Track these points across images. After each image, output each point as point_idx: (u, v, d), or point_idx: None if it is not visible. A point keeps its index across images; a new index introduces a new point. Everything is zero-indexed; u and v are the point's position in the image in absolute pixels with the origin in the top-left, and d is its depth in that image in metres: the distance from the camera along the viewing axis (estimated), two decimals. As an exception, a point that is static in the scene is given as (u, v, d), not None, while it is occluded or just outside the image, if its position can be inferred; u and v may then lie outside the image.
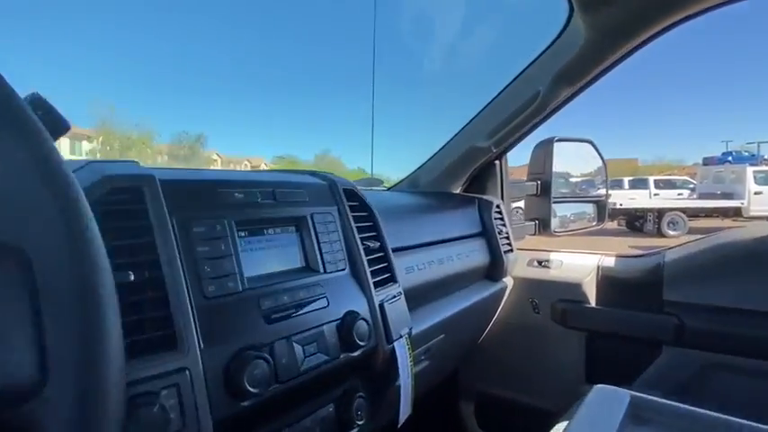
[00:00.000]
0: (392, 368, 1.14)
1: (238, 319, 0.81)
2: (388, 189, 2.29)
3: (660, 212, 15.15)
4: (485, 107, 1.95)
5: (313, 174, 1.17)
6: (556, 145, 2.08)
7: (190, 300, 0.75)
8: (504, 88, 1.87)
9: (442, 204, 1.90)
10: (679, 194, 19.36)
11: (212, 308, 0.78)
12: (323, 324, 0.94)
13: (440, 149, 2.18)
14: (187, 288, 0.75)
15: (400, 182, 2.33)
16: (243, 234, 0.90)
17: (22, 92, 0.45)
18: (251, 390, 0.75)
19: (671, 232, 14.65)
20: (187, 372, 0.70)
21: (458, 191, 2.22)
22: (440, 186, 2.18)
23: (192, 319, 0.74)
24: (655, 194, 19.01)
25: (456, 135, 2.10)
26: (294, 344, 0.87)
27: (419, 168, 2.26)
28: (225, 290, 0.81)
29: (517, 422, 2.10)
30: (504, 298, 2.02)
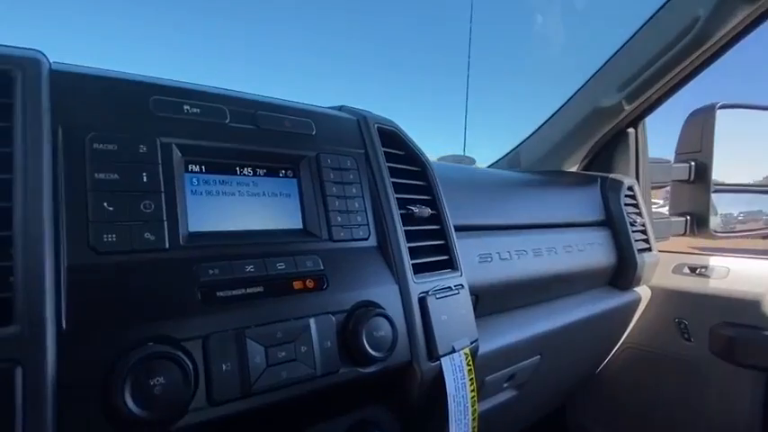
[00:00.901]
0: (437, 401, 0.74)
1: (148, 291, 0.50)
2: (480, 168, 1.85)
3: None
4: (616, 52, 1.43)
5: (339, 108, 0.83)
6: (719, 113, 1.47)
7: (58, 250, 0.46)
8: (648, 21, 1.33)
9: (548, 182, 1.42)
10: None
11: (103, 270, 0.48)
12: (310, 316, 0.59)
13: (546, 121, 1.69)
14: (56, 231, 0.46)
15: (494, 163, 1.88)
16: (196, 169, 0.59)
17: None
18: (138, 414, 0.43)
19: None
20: (18, 369, 0.40)
21: (574, 170, 1.70)
22: (547, 166, 1.69)
23: (51, 282, 0.44)
24: None
25: (571, 98, 1.60)
26: (249, 342, 0.53)
27: (519, 145, 1.79)
28: (135, 243, 0.51)
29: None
30: (637, 314, 1.45)
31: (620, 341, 1.50)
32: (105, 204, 0.50)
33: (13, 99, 0.48)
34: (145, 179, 0.53)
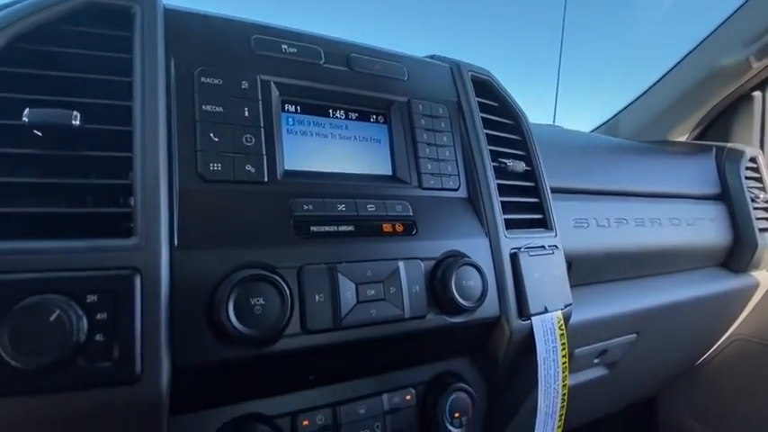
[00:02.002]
0: (526, 362, 0.70)
1: (248, 219, 0.51)
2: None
3: None
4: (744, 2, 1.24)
5: (430, 57, 0.79)
6: None
7: (171, 175, 0.49)
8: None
9: (653, 150, 1.29)
10: None
11: (209, 196, 0.51)
12: (400, 259, 0.58)
13: (651, 87, 1.53)
14: (170, 157, 0.49)
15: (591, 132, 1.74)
16: (291, 109, 0.60)
17: None
18: (241, 329, 0.45)
19: None
20: (137, 277, 0.43)
21: (683, 140, 1.53)
22: (651, 134, 1.53)
23: (165, 203, 0.47)
24: None
25: (683, 60, 1.42)
26: (341, 278, 0.53)
27: (618, 114, 1.64)
28: (237, 174, 0.53)
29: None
30: (752, 303, 1.29)
31: (730, 331, 1.34)
32: (211, 135, 0.52)
33: (133, 33, 0.51)
34: (246, 113, 0.55)
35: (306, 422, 0.54)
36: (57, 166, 0.46)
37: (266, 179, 0.54)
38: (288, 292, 0.48)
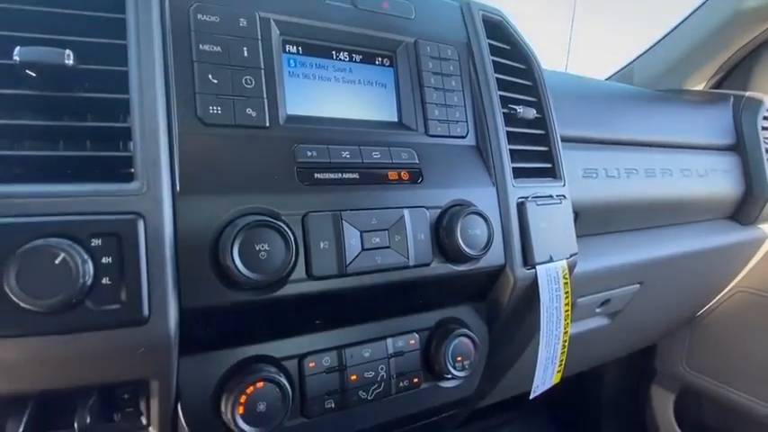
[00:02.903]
0: (529, 309, 0.71)
1: (251, 165, 0.50)
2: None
3: None
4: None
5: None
6: None
7: (169, 118, 0.47)
8: None
9: (668, 98, 1.24)
10: None
11: (210, 141, 0.49)
12: (405, 208, 0.57)
13: (668, 33, 1.45)
14: (168, 100, 0.47)
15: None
16: (293, 50, 0.57)
17: None
18: (246, 274, 0.45)
19: None
20: (141, 221, 0.43)
21: (700, 88, 1.47)
22: (667, 83, 1.47)
23: (165, 147, 0.46)
24: None
25: (703, 4, 1.34)
26: (346, 225, 0.53)
27: (633, 61, 1.57)
28: (238, 118, 0.51)
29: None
30: (758, 255, 1.29)
31: (733, 283, 1.35)
32: (210, 76, 0.50)
33: (124, -35, 0.48)
34: (246, 53, 0.52)
35: (312, 364, 0.55)
36: (53, 108, 0.45)
37: (268, 124, 0.53)
38: (292, 238, 0.48)
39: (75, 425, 0.43)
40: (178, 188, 0.46)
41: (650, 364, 1.58)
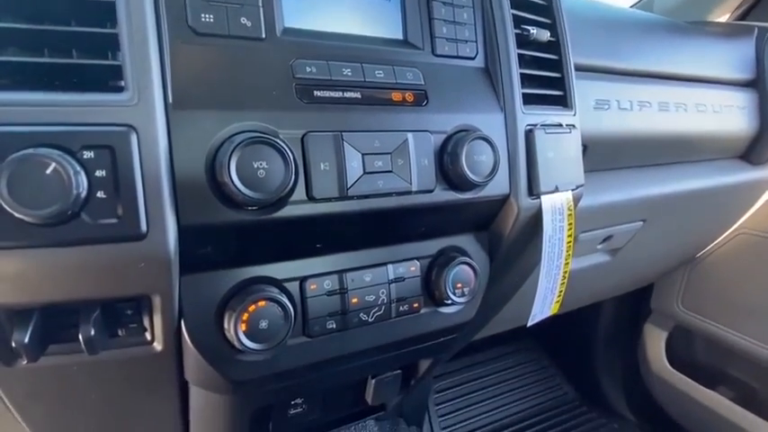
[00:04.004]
0: (532, 240, 0.71)
1: (247, 79, 0.48)
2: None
3: None
4: None
5: None
6: None
7: (159, 26, 0.44)
8: None
9: (688, 29, 1.17)
10: None
11: (203, 52, 0.47)
12: (408, 131, 0.55)
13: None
14: (156, 6, 0.44)
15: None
16: (290, -44, 0.53)
17: None
18: (245, 192, 0.44)
19: None
20: (133, 134, 0.41)
21: (723, 20, 1.39)
22: (689, 13, 1.38)
23: (156, 57, 0.43)
24: None
25: None
26: (347, 147, 0.51)
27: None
28: (232, 28, 0.48)
29: (736, 378, 1.44)
30: (766, 196, 1.27)
31: (737, 224, 1.34)
32: (201, -18, 0.46)
33: None
34: (237, -43, 0.48)
35: (313, 286, 0.56)
36: (35, 11, 0.41)
37: (264, 35, 0.49)
38: (291, 156, 0.46)
39: (80, 337, 0.44)
40: (171, 100, 0.44)
41: (646, 302, 1.61)
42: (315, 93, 0.51)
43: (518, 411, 1.62)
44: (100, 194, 0.40)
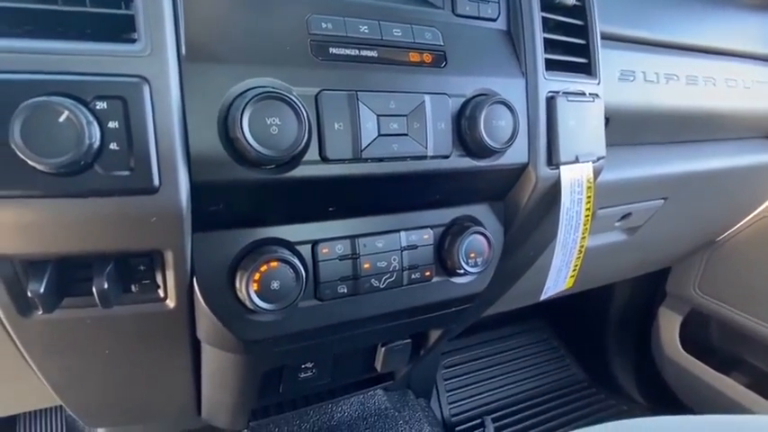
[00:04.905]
0: (549, 212, 0.69)
1: (261, 33, 0.46)
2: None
3: None
4: None
5: None
6: None
7: (173, -25, 0.43)
8: None
9: (719, 0, 1.11)
10: None
11: (216, 4, 0.46)
12: (426, 93, 0.54)
13: None
14: None
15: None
16: None
17: None
18: (257, 148, 0.43)
19: None
20: (146, 86, 0.41)
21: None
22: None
23: (169, 8, 0.42)
24: None
25: None
26: (362, 107, 0.50)
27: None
28: (246, -22, 0.46)
29: (751, 364, 1.41)
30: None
31: (760, 208, 1.30)
32: (214, -73, 0.45)
33: None
34: None
35: (325, 250, 0.55)
36: None
37: (278, -13, 0.48)
38: (305, 114, 0.45)
39: (94, 290, 0.44)
40: (184, 52, 0.43)
41: (661, 286, 1.59)
42: (330, 50, 0.50)
43: (526, 390, 1.63)
44: (113, 146, 0.40)
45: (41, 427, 1.13)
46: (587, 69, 0.69)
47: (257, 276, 0.49)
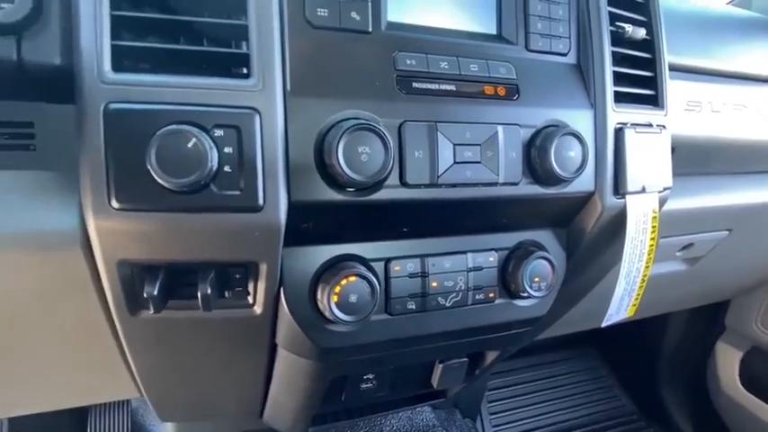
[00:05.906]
0: (612, 240, 0.70)
1: (354, 69, 0.51)
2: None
3: None
4: None
5: None
6: None
7: (282, 18, 0.49)
8: None
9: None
10: None
11: (317, 43, 0.51)
12: (499, 124, 0.57)
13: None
14: (279, 5, 0.49)
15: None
16: (396, -47, 0.56)
17: None
18: (349, 174, 0.48)
19: None
20: (257, 116, 0.46)
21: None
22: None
23: (278, 47, 0.48)
24: None
25: None
26: (440, 137, 0.54)
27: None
28: (343, 21, 0.51)
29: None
30: None
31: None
32: (320, -17, 0.50)
33: None
34: (351, -44, 0.52)
35: (397, 267, 0.59)
36: (172, 5, 0.47)
37: (370, 29, 0.53)
38: (391, 143, 0.49)
39: (198, 294, 0.49)
40: (289, 87, 0.48)
41: (720, 319, 1.52)
42: (414, 84, 0.54)
43: (571, 418, 1.59)
44: (227, 168, 0.45)
45: (109, 420, 1.22)
46: (655, 101, 0.70)
47: (338, 289, 0.53)
